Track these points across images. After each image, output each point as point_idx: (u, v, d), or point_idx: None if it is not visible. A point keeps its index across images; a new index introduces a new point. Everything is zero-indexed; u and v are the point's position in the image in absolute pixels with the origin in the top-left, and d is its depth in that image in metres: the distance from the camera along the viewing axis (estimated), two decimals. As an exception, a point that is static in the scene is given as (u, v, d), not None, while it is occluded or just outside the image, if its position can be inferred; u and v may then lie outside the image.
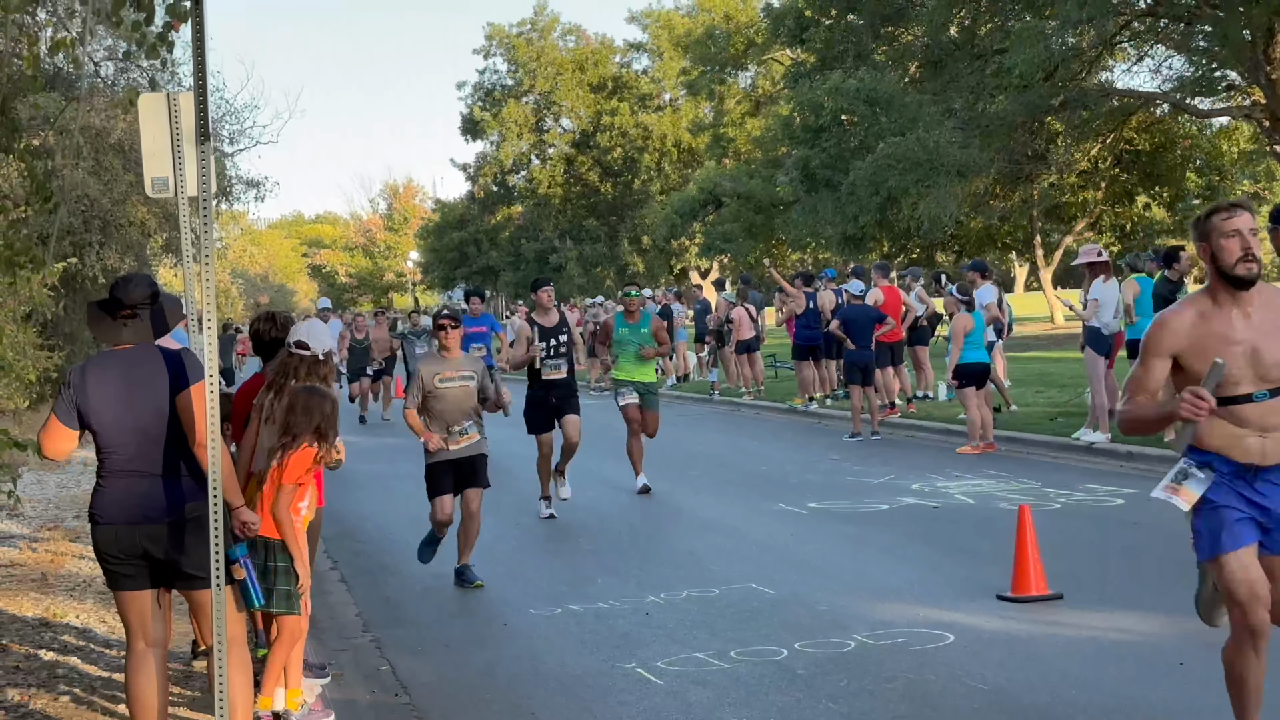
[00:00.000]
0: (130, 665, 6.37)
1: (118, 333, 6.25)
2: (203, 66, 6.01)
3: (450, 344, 11.04)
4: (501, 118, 75.93)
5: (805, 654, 8.29)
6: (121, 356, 6.22)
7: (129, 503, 6.15)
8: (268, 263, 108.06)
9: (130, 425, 6.13)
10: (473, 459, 10.81)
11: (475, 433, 10.87)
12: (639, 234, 71.24)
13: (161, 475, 6.15)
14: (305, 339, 7.61)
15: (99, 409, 6.14)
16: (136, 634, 6.33)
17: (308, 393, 7.18)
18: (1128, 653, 7.90)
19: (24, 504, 14.73)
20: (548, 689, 7.92)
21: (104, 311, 6.29)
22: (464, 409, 10.84)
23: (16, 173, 12.78)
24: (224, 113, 28.85)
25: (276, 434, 7.13)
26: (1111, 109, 36.15)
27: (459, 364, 11.00)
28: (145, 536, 6.15)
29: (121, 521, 6.16)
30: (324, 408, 7.08)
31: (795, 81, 44.33)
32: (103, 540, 6.27)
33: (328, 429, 7.06)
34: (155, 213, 25.54)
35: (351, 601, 10.60)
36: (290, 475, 6.93)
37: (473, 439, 10.83)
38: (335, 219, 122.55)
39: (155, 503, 6.13)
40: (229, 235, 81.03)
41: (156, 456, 6.14)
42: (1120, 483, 14.16)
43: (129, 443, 6.14)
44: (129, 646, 6.41)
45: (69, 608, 10.06)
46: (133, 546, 6.18)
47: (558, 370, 14.07)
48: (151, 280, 6.39)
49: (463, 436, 10.77)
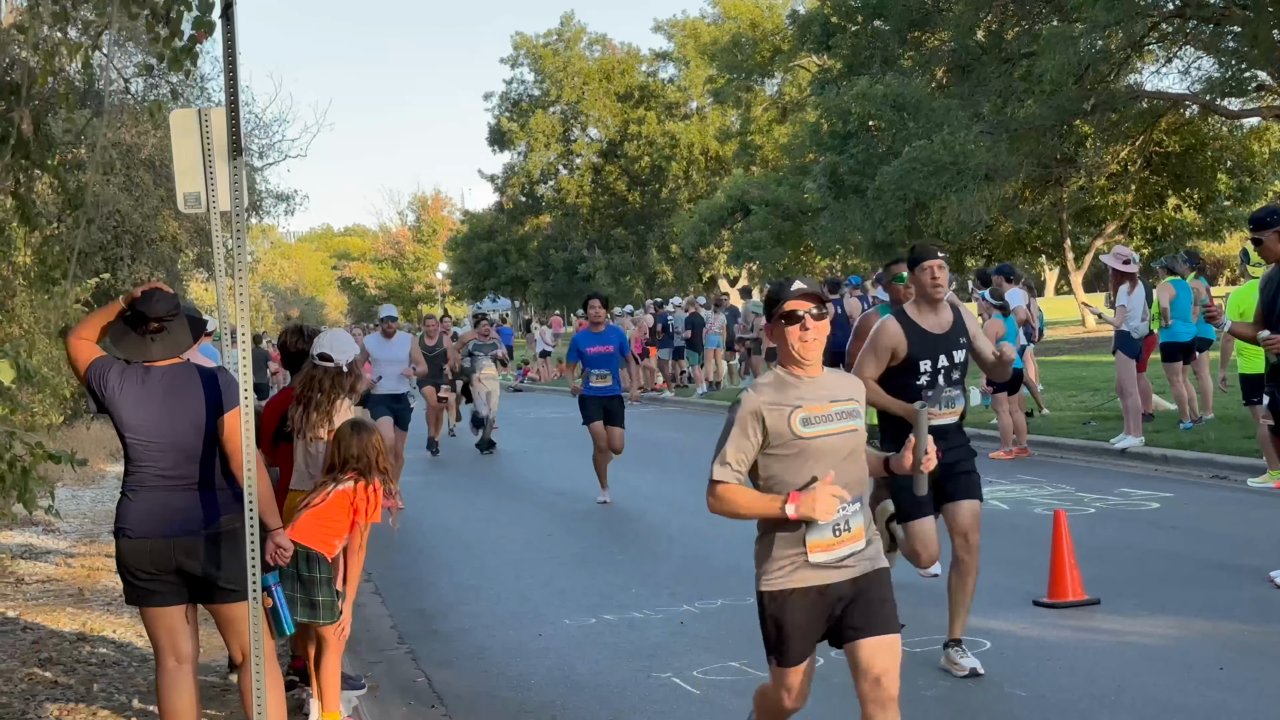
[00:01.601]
0: (162, 683, 6.31)
1: (147, 349, 6.19)
2: (234, 81, 6.03)
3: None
4: (529, 128, 76.05)
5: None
6: (161, 372, 6.18)
7: (165, 516, 6.10)
8: (297, 276, 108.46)
9: (168, 441, 6.09)
10: None
11: None
12: (667, 242, 71.21)
13: (198, 489, 6.13)
14: (329, 350, 7.61)
15: (136, 424, 6.10)
16: (167, 651, 6.27)
17: (356, 429, 7.22)
18: (1166, 658, 7.84)
19: (60, 519, 14.83)
20: (582, 699, 7.91)
21: (129, 326, 6.25)
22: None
23: (50, 189, 12.85)
24: (253, 127, 29.07)
25: (325, 464, 7.19)
26: (1141, 111, 36.00)
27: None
28: (181, 550, 6.09)
29: (155, 535, 6.09)
30: (376, 443, 7.16)
31: (822, 88, 44.27)
32: (131, 554, 6.15)
33: (386, 464, 7.16)
34: (186, 227, 25.70)
35: (386, 614, 10.61)
36: (370, 515, 7.03)
37: None
38: (364, 231, 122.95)
39: (192, 516, 6.10)
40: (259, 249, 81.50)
41: (193, 471, 6.12)
42: (1156, 486, 14.08)
43: (165, 457, 6.11)
44: (159, 664, 6.34)
45: (106, 622, 10.10)
46: (166, 561, 6.11)
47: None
48: (173, 294, 6.38)
49: None
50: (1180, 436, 16.80)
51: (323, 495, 7.09)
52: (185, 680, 6.26)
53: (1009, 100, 35.98)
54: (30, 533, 14.45)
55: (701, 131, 73.25)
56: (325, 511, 7.05)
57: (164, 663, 6.30)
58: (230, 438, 6.10)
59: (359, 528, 7.22)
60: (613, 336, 15.26)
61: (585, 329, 15.49)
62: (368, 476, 7.12)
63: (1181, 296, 17.37)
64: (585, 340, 15.21)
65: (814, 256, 57.34)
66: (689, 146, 73.26)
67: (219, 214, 6.72)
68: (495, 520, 14.91)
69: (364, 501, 7.15)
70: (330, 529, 7.06)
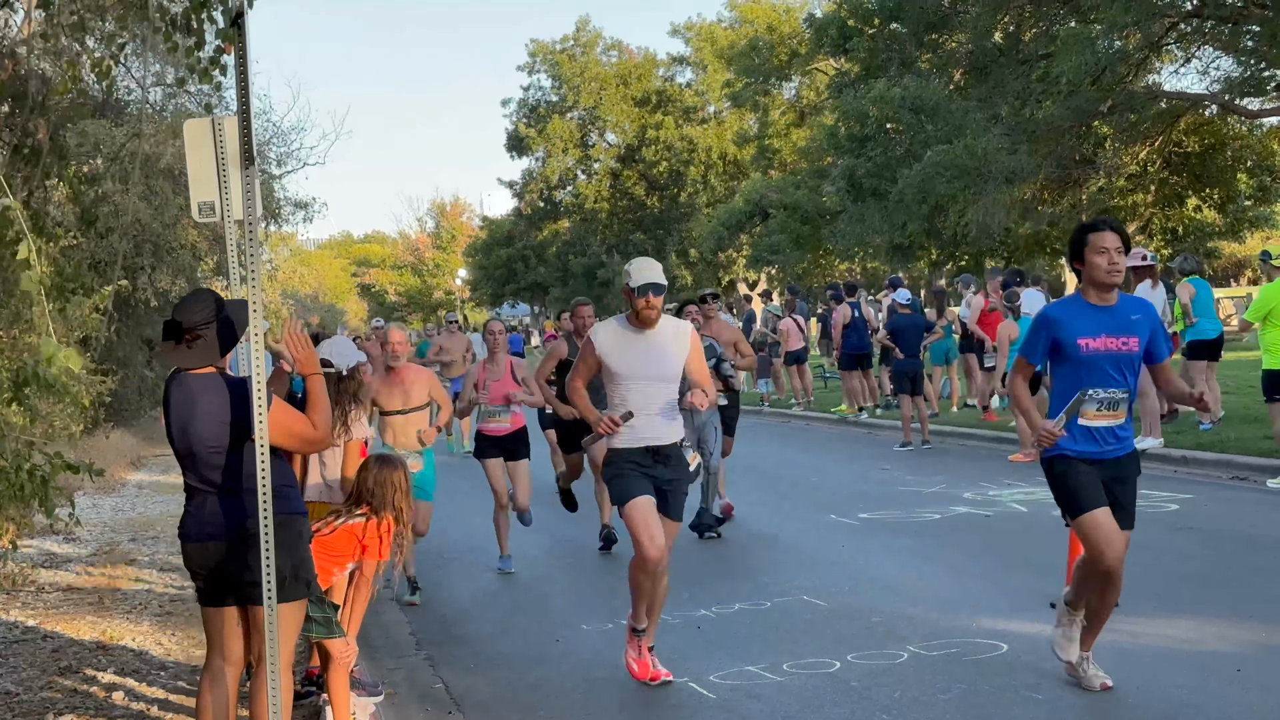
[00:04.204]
0: (203, 680, 6.43)
1: (183, 357, 6.25)
2: (246, 89, 6.05)
3: None
4: (546, 134, 76.13)
5: (858, 665, 8.26)
6: (194, 379, 6.23)
7: (203, 519, 6.24)
8: (317, 283, 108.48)
9: (200, 446, 6.17)
10: None
11: None
12: (686, 247, 71.21)
13: (230, 494, 6.18)
14: (329, 356, 7.62)
15: (177, 430, 6.23)
16: (215, 650, 6.40)
17: (380, 463, 7.21)
18: (1184, 659, 7.82)
19: (81, 528, 14.89)
20: (601, 704, 7.91)
21: (169, 336, 6.31)
22: None
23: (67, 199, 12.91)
24: (271, 135, 29.12)
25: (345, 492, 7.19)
26: (1160, 111, 35.85)
27: None
28: (217, 554, 6.21)
29: (197, 539, 6.26)
30: (396, 480, 7.15)
31: (839, 91, 44.19)
32: (185, 556, 6.39)
33: (403, 502, 7.15)
34: (205, 235, 25.79)
35: (405, 620, 10.63)
36: (378, 553, 7.03)
37: None
38: (384, 238, 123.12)
39: (223, 520, 6.19)
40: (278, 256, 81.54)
41: (221, 477, 6.18)
42: (1173, 488, 14.04)
43: (198, 463, 6.20)
44: (206, 661, 6.47)
45: (125, 630, 10.13)
46: (206, 561, 6.26)
47: None
48: (212, 296, 6.37)
49: None
50: (1200, 437, 16.75)
51: (331, 526, 7.11)
52: (225, 681, 6.36)
53: (1027, 102, 35.88)
54: (51, 541, 14.52)
55: (719, 135, 73.23)
56: (331, 543, 7.08)
57: (211, 661, 6.42)
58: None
59: (369, 563, 7.24)
60: None
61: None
62: (379, 514, 7.12)
63: (1202, 294, 17.34)
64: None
65: (832, 260, 57.28)
66: (707, 150, 73.25)
67: (234, 222, 6.75)
68: (515, 526, 14.91)
69: (373, 539, 7.16)
70: (331, 560, 7.09)
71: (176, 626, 10.32)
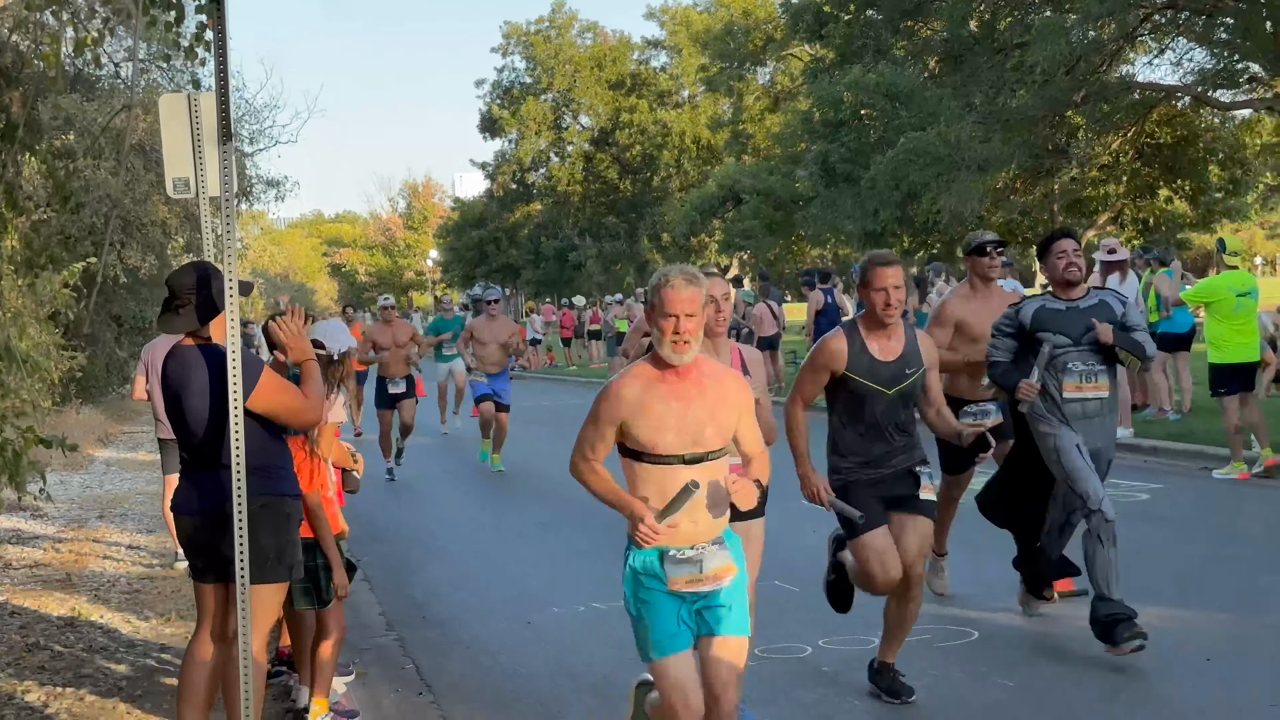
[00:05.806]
0: (187, 652, 6.42)
1: (172, 322, 6.24)
2: (224, 66, 6.00)
3: None
4: (520, 116, 76.03)
5: (830, 651, 8.27)
6: (189, 353, 6.18)
7: (190, 493, 6.24)
8: (288, 262, 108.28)
9: (193, 420, 6.13)
10: None
11: None
12: (659, 231, 71.27)
13: (214, 469, 6.14)
14: (322, 338, 7.57)
15: (170, 405, 6.23)
16: (204, 624, 6.37)
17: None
18: (1153, 649, 7.85)
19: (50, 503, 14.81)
20: (573, 686, 7.91)
21: (166, 303, 6.29)
22: None
23: (39, 174, 12.81)
24: (244, 113, 28.95)
25: None
26: (1133, 102, 35.99)
27: None
28: (204, 528, 6.19)
29: (185, 513, 6.26)
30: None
31: (814, 77, 44.27)
32: (178, 530, 6.43)
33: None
34: (176, 212, 25.63)
35: (375, 601, 10.60)
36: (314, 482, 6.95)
37: None
38: (355, 218, 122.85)
39: (208, 494, 6.15)
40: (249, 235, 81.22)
41: (206, 450, 6.15)
42: (1145, 478, 14.10)
43: (191, 437, 6.18)
44: (193, 636, 6.46)
45: (93, 607, 10.09)
46: (194, 536, 6.25)
47: None
48: (200, 266, 6.31)
49: None
50: (1170, 428, 16.83)
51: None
52: (209, 655, 6.33)
53: (1001, 90, 35.99)
54: (18, 518, 14.44)
55: (693, 120, 73.27)
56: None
57: (198, 635, 6.40)
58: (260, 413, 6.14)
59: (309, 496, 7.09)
60: None
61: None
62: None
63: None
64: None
65: (805, 245, 57.38)
66: (680, 135, 73.29)
67: (208, 199, 6.69)
68: (487, 508, 14.91)
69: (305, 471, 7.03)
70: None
71: (145, 604, 10.28)
